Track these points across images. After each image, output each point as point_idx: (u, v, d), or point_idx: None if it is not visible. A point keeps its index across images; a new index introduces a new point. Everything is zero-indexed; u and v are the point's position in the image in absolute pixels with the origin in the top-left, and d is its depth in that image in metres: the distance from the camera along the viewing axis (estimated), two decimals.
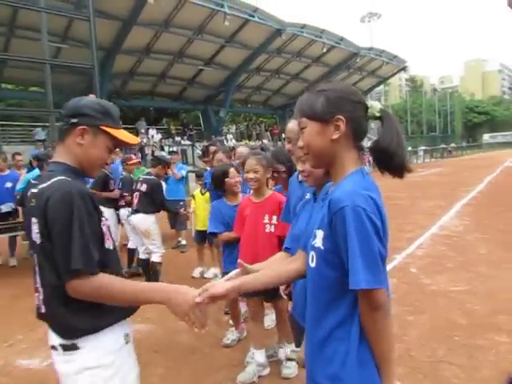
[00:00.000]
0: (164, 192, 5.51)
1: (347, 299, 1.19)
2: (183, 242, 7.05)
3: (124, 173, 6.25)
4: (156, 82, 23.82)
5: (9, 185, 6.18)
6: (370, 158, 1.31)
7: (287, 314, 2.90)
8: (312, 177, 1.79)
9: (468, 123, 64.78)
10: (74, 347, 1.37)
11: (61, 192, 1.34)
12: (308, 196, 1.93)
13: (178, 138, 23.16)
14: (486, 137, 63.33)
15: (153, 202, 4.95)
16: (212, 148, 5.18)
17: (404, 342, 3.34)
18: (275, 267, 1.58)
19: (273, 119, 34.77)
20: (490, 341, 3.31)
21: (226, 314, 4.10)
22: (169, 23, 18.82)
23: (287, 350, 2.97)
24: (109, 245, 1.46)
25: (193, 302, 1.31)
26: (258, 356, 2.96)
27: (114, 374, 1.39)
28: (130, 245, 5.55)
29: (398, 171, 1.25)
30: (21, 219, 5.86)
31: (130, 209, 5.27)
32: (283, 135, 27.96)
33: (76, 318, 1.36)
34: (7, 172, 6.29)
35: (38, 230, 1.37)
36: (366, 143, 1.63)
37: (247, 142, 24.75)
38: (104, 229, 1.45)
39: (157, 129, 22.92)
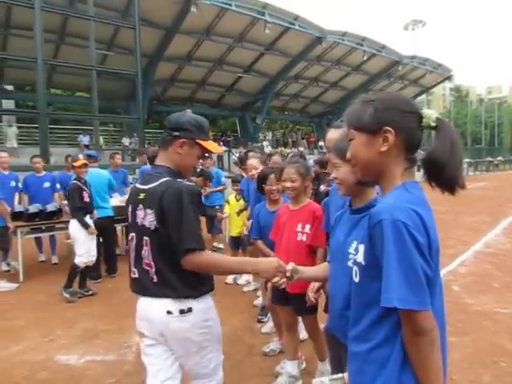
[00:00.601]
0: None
1: (391, 318, 1.11)
2: (220, 246, 7.07)
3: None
4: (195, 89, 24.35)
5: (47, 185, 6.45)
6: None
7: (319, 329, 2.81)
8: (344, 185, 1.73)
9: None
10: (189, 310, 1.78)
11: (172, 189, 1.73)
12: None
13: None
14: None
15: None
16: (251, 154, 5.20)
17: (442, 367, 3.14)
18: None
19: (309, 127, 34.58)
20: None
21: (259, 322, 4.06)
22: (210, 31, 19.21)
23: (325, 379, 2.85)
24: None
25: (276, 267, 1.73)
26: (290, 367, 2.88)
27: (211, 325, 1.89)
28: None
29: (449, 186, 1.15)
30: (64, 219, 6.10)
31: None
32: (320, 143, 27.74)
33: (184, 285, 1.76)
34: (43, 173, 6.55)
35: (153, 218, 1.75)
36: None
37: (283, 149, 24.68)
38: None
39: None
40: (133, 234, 1.86)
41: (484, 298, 4.67)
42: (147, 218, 1.77)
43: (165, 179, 1.77)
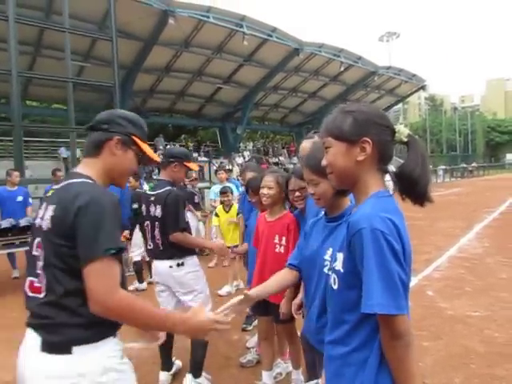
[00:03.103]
0: None
1: (369, 322, 1.16)
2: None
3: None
4: (175, 100, 24.33)
5: (20, 199, 6.44)
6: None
7: (297, 337, 2.83)
8: (323, 199, 1.76)
9: (490, 142, 63.44)
10: (182, 264, 2.99)
11: (172, 194, 2.95)
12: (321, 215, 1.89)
13: (195, 155, 23.42)
14: (510, 156, 61.41)
15: None
16: (247, 165, 5.36)
17: (418, 368, 3.21)
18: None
19: (289, 137, 34.90)
20: (510, 371, 3.16)
21: (244, 330, 4.06)
22: (189, 43, 19.29)
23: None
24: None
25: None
26: (266, 377, 2.90)
27: (199, 274, 3.12)
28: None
29: (420, 199, 1.23)
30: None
31: None
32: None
33: (177, 251, 2.97)
34: (16, 187, 6.50)
35: (160, 211, 2.94)
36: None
37: (263, 158, 24.78)
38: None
39: (174, 145, 23.26)
40: (148, 222, 3.04)
41: (457, 302, 4.79)
42: (156, 211, 2.96)
43: (167, 188, 2.98)
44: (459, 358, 3.41)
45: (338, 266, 1.23)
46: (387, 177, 1.30)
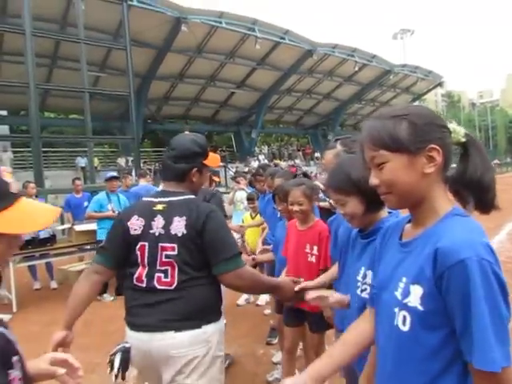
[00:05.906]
0: None
1: (453, 372, 0.94)
2: None
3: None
4: (189, 106, 24.47)
5: None
6: None
7: (324, 349, 2.66)
8: (355, 219, 1.59)
9: None
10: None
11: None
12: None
13: None
14: None
15: None
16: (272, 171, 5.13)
17: None
18: (350, 338, 1.27)
19: (305, 139, 34.68)
20: None
21: (268, 344, 3.89)
22: (201, 49, 19.37)
23: None
24: None
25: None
26: None
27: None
28: None
29: (490, 207, 1.04)
30: (57, 245, 5.98)
31: None
32: (316, 154, 27.76)
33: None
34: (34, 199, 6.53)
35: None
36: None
37: (279, 161, 24.67)
38: None
39: None
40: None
41: None
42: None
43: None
44: None
45: (414, 301, 0.98)
46: None
